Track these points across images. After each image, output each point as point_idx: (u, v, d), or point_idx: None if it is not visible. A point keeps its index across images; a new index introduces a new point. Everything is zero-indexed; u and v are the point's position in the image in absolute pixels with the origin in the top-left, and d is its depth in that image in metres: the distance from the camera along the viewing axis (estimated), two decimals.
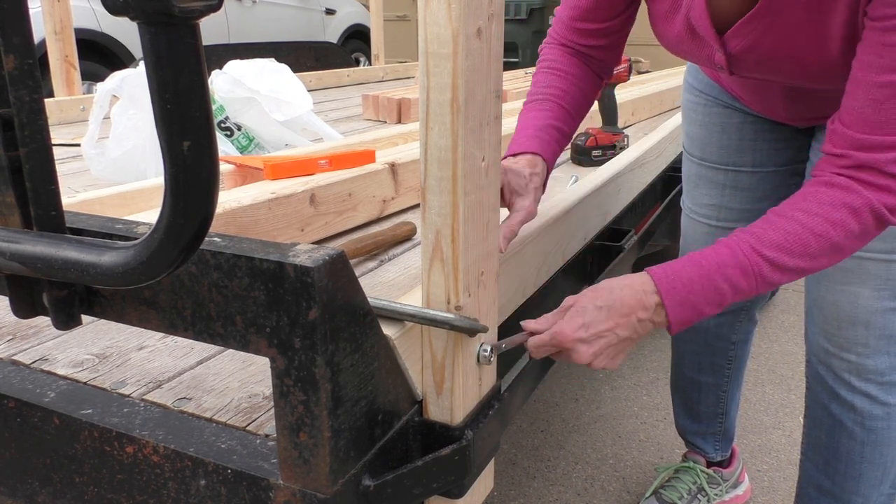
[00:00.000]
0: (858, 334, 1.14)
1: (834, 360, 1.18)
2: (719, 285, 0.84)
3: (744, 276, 0.83)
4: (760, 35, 0.94)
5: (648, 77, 3.35)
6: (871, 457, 1.20)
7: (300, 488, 0.60)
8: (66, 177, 1.71)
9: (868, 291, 1.11)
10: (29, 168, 0.56)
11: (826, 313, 1.17)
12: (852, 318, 1.14)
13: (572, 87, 1.07)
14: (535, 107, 1.05)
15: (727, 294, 0.84)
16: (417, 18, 0.64)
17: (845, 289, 1.13)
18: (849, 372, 1.17)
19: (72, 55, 2.55)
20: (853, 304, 1.13)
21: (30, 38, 0.54)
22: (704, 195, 1.40)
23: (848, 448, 1.22)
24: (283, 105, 1.81)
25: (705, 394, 1.60)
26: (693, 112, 1.39)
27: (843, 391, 1.19)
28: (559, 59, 1.09)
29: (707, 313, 0.85)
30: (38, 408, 0.71)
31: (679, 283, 0.84)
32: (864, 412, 1.18)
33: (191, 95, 0.41)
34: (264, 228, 1.11)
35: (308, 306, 0.54)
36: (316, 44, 5.34)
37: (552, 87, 1.06)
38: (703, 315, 0.85)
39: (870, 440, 1.19)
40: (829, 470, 1.26)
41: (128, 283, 0.48)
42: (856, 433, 1.20)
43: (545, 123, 1.03)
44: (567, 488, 1.81)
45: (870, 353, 1.14)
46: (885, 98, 0.80)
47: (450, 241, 0.67)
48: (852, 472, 1.22)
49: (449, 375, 0.72)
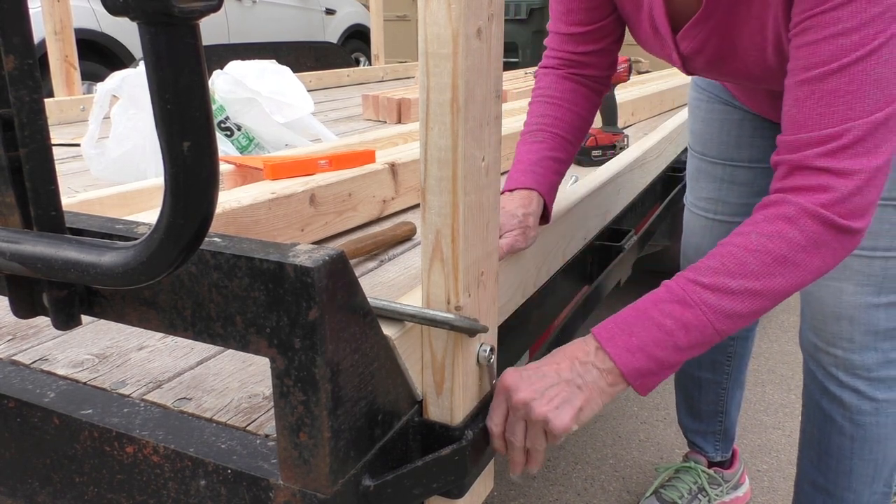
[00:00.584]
0: (843, 329, 1.15)
1: (822, 354, 1.20)
2: (660, 322, 0.78)
3: (685, 307, 0.79)
4: (706, 37, 0.96)
5: (648, 77, 3.35)
6: (861, 453, 1.21)
7: (300, 488, 0.60)
8: (66, 177, 1.71)
9: (851, 287, 1.12)
10: (29, 168, 0.55)
11: (813, 308, 1.19)
12: (836, 313, 1.15)
13: (567, 114, 1.07)
14: (530, 139, 1.05)
15: (675, 332, 0.78)
16: (417, 18, 0.64)
17: (829, 284, 1.14)
18: (836, 367, 1.18)
19: (72, 55, 2.55)
20: (837, 299, 1.14)
21: (30, 38, 0.54)
22: (703, 189, 1.45)
23: (838, 443, 1.23)
24: (285, 107, 1.81)
25: (705, 391, 1.61)
26: (697, 109, 1.44)
27: (832, 386, 1.20)
28: (553, 85, 1.09)
29: (666, 358, 0.79)
30: (38, 408, 0.71)
31: (614, 326, 0.80)
32: (852, 407, 1.19)
33: (191, 95, 0.41)
34: (264, 228, 1.11)
35: (308, 306, 0.54)
36: (316, 44, 5.34)
37: (546, 117, 1.07)
38: (662, 361, 0.79)
39: (859, 436, 1.20)
40: (821, 466, 1.27)
41: (128, 283, 0.48)
42: (845, 428, 1.21)
43: (540, 156, 1.03)
44: (567, 488, 1.81)
45: (855, 348, 1.15)
46: (805, 96, 0.80)
47: (450, 241, 0.67)
48: (843, 467, 1.23)
49: (449, 375, 0.72)
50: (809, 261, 0.80)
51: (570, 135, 1.07)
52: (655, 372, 0.79)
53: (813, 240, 0.79)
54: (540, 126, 1.06)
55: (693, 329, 0.78)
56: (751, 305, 0.79)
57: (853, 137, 0.78)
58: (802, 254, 0.79)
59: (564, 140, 1.06)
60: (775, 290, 0.80)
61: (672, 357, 0.79)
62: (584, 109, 1.10)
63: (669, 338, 0.78)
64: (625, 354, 0.78)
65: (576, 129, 1.08)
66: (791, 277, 0.80)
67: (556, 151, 1.05)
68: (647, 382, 0.80)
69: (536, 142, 1.05)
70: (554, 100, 1.08)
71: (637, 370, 0.78)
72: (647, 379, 0.79)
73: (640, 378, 0.79)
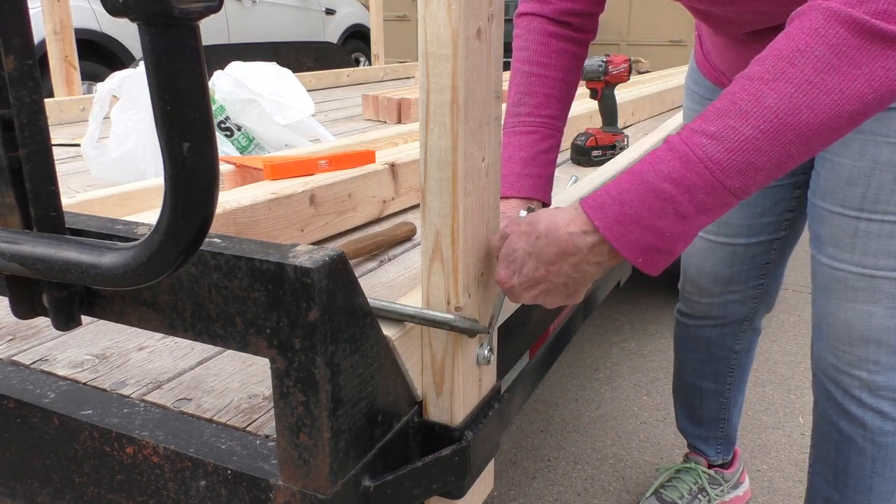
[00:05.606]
0: (870, 352, 1.11)
1: (843, 376, 1.16)
2: (659, 186, 0.65)
3: (687, 166, 0.65)
4: None
5: (648, 77, 3.35)
6: (882, 471, 1.18)
7: (300, 489, 0.60)
8: (66, 177, 1.71)
9: (882, 310, 1.08)
10: (29, 169, 0.56)
11: (836, 330, 1.14)
12: (865, 336, 1.10)
13: (556, 85, 0.99)
14: (520, 127, 0.99)
15: (680, 199, 0.65)
16: (417, 18, 0.64)
17: (857, 307, 1.09)
18: (860, 388, 1.14)
19: (72, 55, 2.55)
20: (866, 324, 1.10)
21: (30, 39, 0.54)
22: None
23: (858, 463, 1.19)
24: (285, 109, 1.81)
25: (707, 400, 1.59)
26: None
27: (853, 407, 1.16)
28: (539, 49, 0.99)
29: (668, 229, 0.66)
30: (38, 408, 0.71)
31: (606, 196, 0.68)
32: (874, 428, 1.16)
33: (191, 96, 0.41)
34: (264, 229, 1.11)
35: (308, 307, 0.54)
36: (316, 44, 5.34)
37: (534, 95, 0.99)
38: (664, 232, 0.66)
39: (880, 455, 1.17)
40: (838, 485, 1.24)
41: (128, 284, 0.48)
42: (866, 449, 1.18)
43: (533, 153, 0.97)
44: (567, 488, 1.81)
45: (881, 369, 1.12)
46: None
47: (450, 241, 0.67)
48: (862, 486, 1.20)
49: (449, 376, 0.72)
50: (844, 84, 0.62)
51: (560, 110, 1.00)
52: (660, 248, 0.67)
53: (846, 56, 0.62)
54: (529, 110, 0.99)
55: (699, 191, 0.65)
56: (771, 152, 0.63)
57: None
58: (834, 75, 0.62)
59: (555, 120, 0.99)
60: (800, 128, 0.63)
61: (675, 227, 0.66)
62: (573, 75, 1.01)
63: (673, 205, 0.66)
64: (621, 231, 0.67)
65: (565, 100, 1.01)
66: (820, 109, 0.63)
67: (547, 139, 0.99)
68: (652, 260, 0.68)
69: (527, 132, 0.98)
70: (541, 67, 0.98)
71: (638, 247, 0.67)
72: (650, 256, 0.68)
73: (642, 255, 0.68)
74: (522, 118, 1.00)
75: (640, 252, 0.68)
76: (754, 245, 1.36)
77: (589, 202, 0.69)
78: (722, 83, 1.29)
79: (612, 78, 1.87)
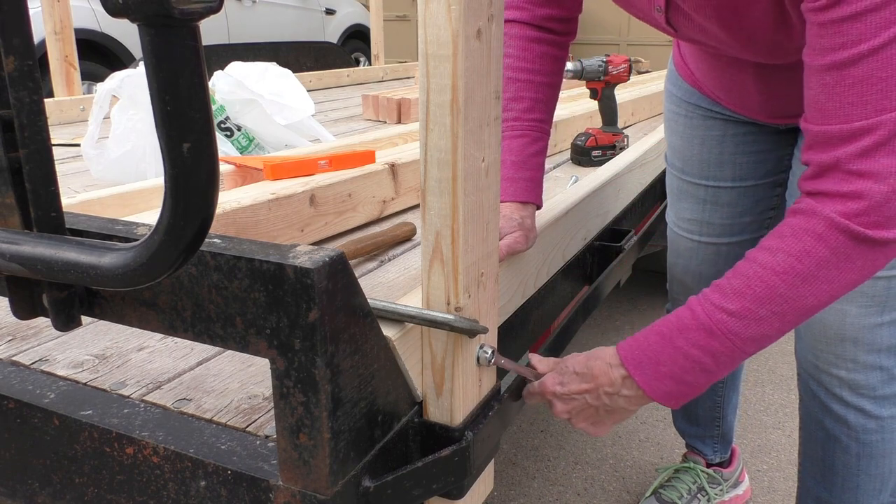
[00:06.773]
0: (847, 350, 1.12)
1: (824, 375, 1.17)
2: (688, 352, 0.80)
3: (711, 336, 0.80)
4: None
5: (648, 77, 3.35)
6: (868, 468, 1.19)
7: (300, 489, 0.60)
8: (66, 177, 1.71)
9: (855, 308, 1.09)
10: (29, 169, 0.55)
11: (813, 330, 1.15)
12: (841, 334, 1.12)
13: (541, 90, 1.04)
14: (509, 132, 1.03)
15: (705, 361, 0.80)
16: (417, 19, 0.64)
17: (833, 306, 1.10)
18: (840, 387, 1.16)
19: (72, 55, 2.55)
20: (841, 322, 1.11)
21: (30, 39, 0.54)
22: (686, 209, 1.41)
23: (844, 461, 1.20)
24: (285, 109, 1.81)
25: (702, 398, 1.59)
26: (675, 123, 1.38)
27: (836, 406, 1.17)
28: (524, 55, 1.03)
29: (697, 382, 0.82)
30: (37, 408, 0.71)
31: (641, 354, 0.83)
32: (857, 426, 1.16)
33: (191, 97, 0.41)
34: (264, 229, 1.11)
35: (308, 308, 0.54)
36: (316, 44, 5.34)
37: (522, 100, 1.03)
38: (693, 384, 0.82)
39: (865, 453, 1.18)
40: (826, 483, 1.25)
41: (128, 284, 0.48)
42: (851, 447, 1.19)
43: (523, 156, 1.01)
44: (567, 488, 1.81)
45: (860, 368, 1.13)
46: (835, 81, 0.73)
47: (450, 242, 0.67)
48: (849, 484, 1.21)
49: (449, 376, 0.72)
50: (840, 276, 0.77)
51: (546, 113, 1.05)
52: (686, 393, 0.83)
53: (844, 255, 0.76)
54: (516, 114, 1.03)
55: (721, 355, 0.80)
56: (780, 327, 0.79)
57: (888, 132, 0.71)
58: (833, 271, 0.77)
59: (542, 123, 1.04)
60: (805, 309, 0.79)
61: (701, 379, 0.82)
62: (556, 77, 1.07)
63: (701, 366, 0.81)
64: (653, 383, 0.82)
65: (550, 103, 1.06)
66: (822, 295, 0.78)
67: (536, 142, 1.03)
68: (678, 402, 0.84)
69: (516, 136, 1.02)
70: (526, 72, 1.03)
71: (668, 394, 0.83)
72: (676, 399, 0.84)
73: (670, 399, 0.84)
74: (510, 122, 1.03)
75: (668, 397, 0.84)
76: (737, 244, 1.37)
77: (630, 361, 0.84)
78: (699, 87, 1.29)
79: (612, 78, 1.87)
